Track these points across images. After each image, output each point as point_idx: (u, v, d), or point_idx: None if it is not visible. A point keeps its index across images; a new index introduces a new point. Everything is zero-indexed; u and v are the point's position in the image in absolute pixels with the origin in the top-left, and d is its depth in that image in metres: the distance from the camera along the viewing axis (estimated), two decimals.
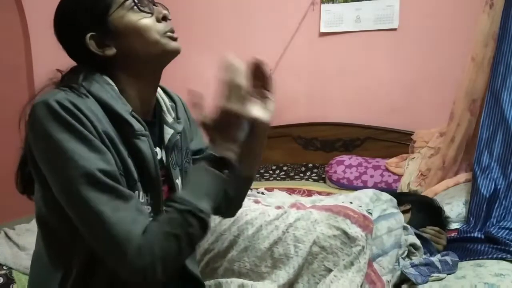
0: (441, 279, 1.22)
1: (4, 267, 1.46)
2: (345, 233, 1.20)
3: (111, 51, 0.77)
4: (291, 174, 2.67)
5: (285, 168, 2.74)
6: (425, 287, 1.19)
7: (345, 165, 2.47)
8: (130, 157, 0.75)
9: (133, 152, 0.76)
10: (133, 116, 0.76)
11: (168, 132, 0.87)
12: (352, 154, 2.58)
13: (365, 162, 2.47)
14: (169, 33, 0.79)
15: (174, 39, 0.80)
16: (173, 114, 0.90)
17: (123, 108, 0.75)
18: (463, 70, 2.00)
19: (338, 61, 2.71)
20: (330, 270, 1.18)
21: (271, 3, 2.80)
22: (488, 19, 1.86)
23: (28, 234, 1.69)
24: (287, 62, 2.82)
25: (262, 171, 2.74)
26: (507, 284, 1.13)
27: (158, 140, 0.87)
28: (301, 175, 2.64)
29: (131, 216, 0.68)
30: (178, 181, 0.90)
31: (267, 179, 2.63)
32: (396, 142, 2.53)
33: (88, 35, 0.75)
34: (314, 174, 2.64)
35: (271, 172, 2.72)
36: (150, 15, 0.78)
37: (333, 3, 2.64)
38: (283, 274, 1.20)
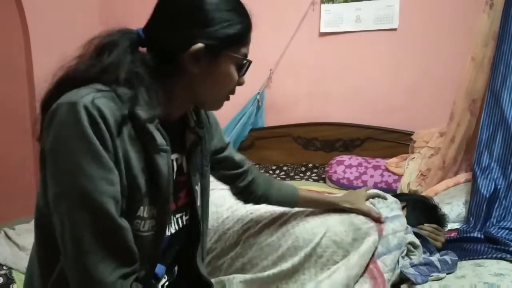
0: (441, 279, 1.22)
1: (4, 267, 1.46)
2: (358, 229, 1.21)
3: (194, 69, 0.76)
4: (291, 174, 2.66)
5: (285, 168, 2.74)
6: (424, 287, 1.18)
7: (345, 165, 2.47)
8: (145, 171, 0.72)
9: (149, 166, 0.73)
10: (158, 130, 0.73)
11: (190, 138, 0.88)
12: (352, 154, 2.58)
13: (365, 162, 2.47)
14: (228, 97, 0.84)
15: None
16: (195, 117, 0.90)
17: (151, 119, 0.72)
18: (463, 70, 2.00)
19: (338, 61, 2.71)
20: (337, 263, 1.19)
21: (271, 3, 2.80)
22: (488, 19, 1.86)
23: (28, 234, 1.69)
24: (287, 62, 2.82)
25: (262, 171, 2.74)
26: (507, 284, 1.12)
27: (179, 144, 0.86)
28: (301, 175, 2.64)
29: (113, 264, 0.67)
30: (197, 187, 0.91)
31: None
32: (396, 142, 2.52)
33: (202, 45, 0.73)
34: (314, 174, 2.64)
35: (271, 172, 2.72)
36: (241, 77, 0.82)
37: (333, 3, 2.64)
38: (289, 263, 1.20)
